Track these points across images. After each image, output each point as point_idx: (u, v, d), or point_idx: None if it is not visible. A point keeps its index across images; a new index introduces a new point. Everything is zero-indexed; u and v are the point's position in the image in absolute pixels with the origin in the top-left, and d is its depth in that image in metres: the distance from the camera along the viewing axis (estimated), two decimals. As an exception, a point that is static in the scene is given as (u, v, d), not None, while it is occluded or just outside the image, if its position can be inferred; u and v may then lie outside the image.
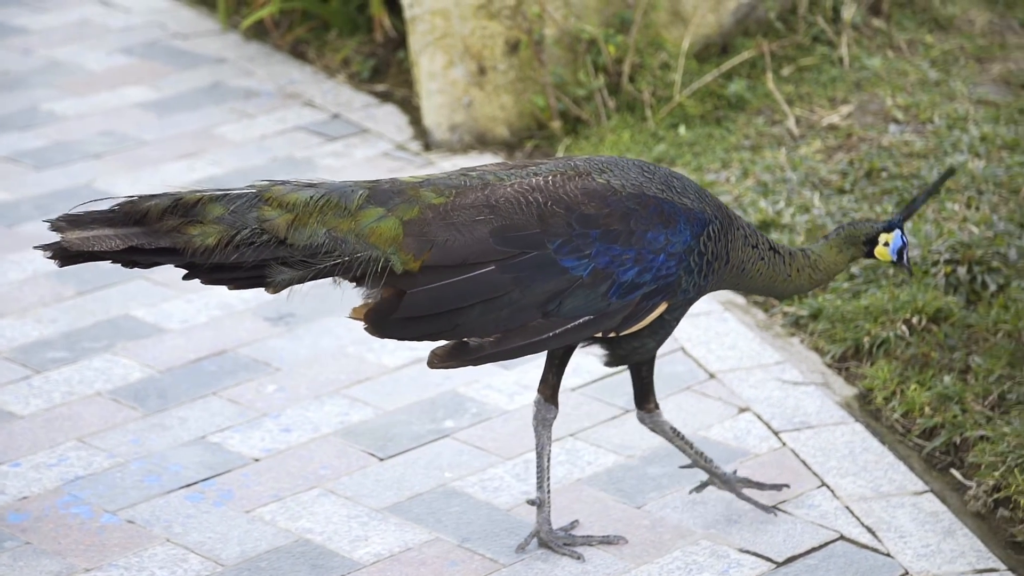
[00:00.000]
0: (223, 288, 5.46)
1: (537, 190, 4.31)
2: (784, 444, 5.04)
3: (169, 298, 5.86)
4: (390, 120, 7.23)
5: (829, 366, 5.46)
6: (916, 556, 4.54)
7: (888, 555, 4.55)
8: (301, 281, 4.26)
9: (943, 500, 4.77)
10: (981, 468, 4.83)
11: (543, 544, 4.60)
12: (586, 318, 4.31)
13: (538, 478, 4.57)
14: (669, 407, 5.21)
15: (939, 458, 5.00)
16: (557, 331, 4.31)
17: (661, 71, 6.96)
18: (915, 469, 4.91)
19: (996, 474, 4.76)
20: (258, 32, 7.95)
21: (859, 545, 4.60)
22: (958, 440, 4.99)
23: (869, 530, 4.65)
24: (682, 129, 6.77)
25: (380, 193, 4.30)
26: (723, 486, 4.71)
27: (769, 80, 6.92)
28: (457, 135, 7.00)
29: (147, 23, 8.20)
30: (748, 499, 4.70)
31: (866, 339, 5.42)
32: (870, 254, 4.60)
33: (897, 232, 4.57)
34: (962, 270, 5.57)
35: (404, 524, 4.71)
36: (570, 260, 4.28)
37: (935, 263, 5.62)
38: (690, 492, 4.75)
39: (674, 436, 4.64)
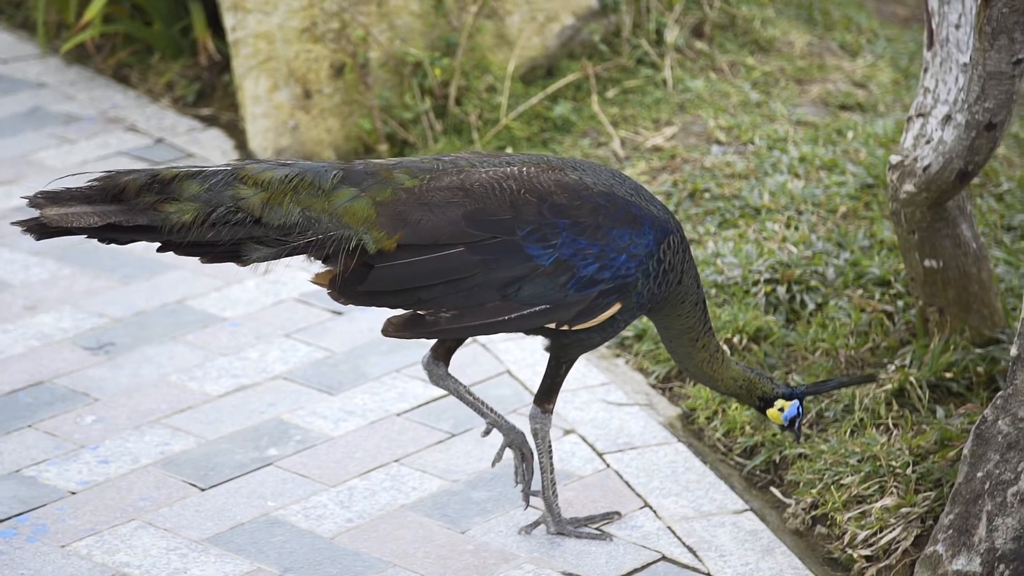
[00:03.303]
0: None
1: (512, 178, 4.38)
2: (608, 466, 5.06)
3: (-16, 328, 5.73)
4: (215, 144, 7.15)
5: (653, 387, 5.50)
6: (735, 575, 4.58)
7: (708, 574, 4.59)
8: (275, 258, 4.32)
9: (763, 518, 4.82)
10: (799, 486, 4.89)
11: (513, 446, 4.66)
12: (542, 307, 4.37)
13: (477, 410, 4.65)
14: (495, 430, 5.19)
15: (759, 476, 5.05)
16: (513, 315, 4.37)
17: (487, 94, 6.97)
18: (736, 488, 4.96)
19: (814, 491, 4.82)
20: (79, 56, 7.82)
21: (680, 565, 4.63)
22: (777, 458, 5.05)
23: (690, 550, 4.68)
24: (509, 151, 6.78)
25: (354, 174, 4.36)
26: (555, 526, 4.72)
27: (594, 102, 6.96)
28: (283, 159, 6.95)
29: (-35, 47, 8.03)
30: (580, 535, 4.71)
31: (689, 359, 5.47)
32: (761, 410, 4.66)
33: (796, 404, 4.64)
34: (781, 289, 5.65)
35: (225, 555, 4.65)
36: (536, 248, 4.34)
37: (755, 283, 5.69)
38: (519, 531, 4.74)
39: (545, 451, 4.66)
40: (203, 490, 4.93)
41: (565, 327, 4.44)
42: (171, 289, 5.99)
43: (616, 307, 4.43)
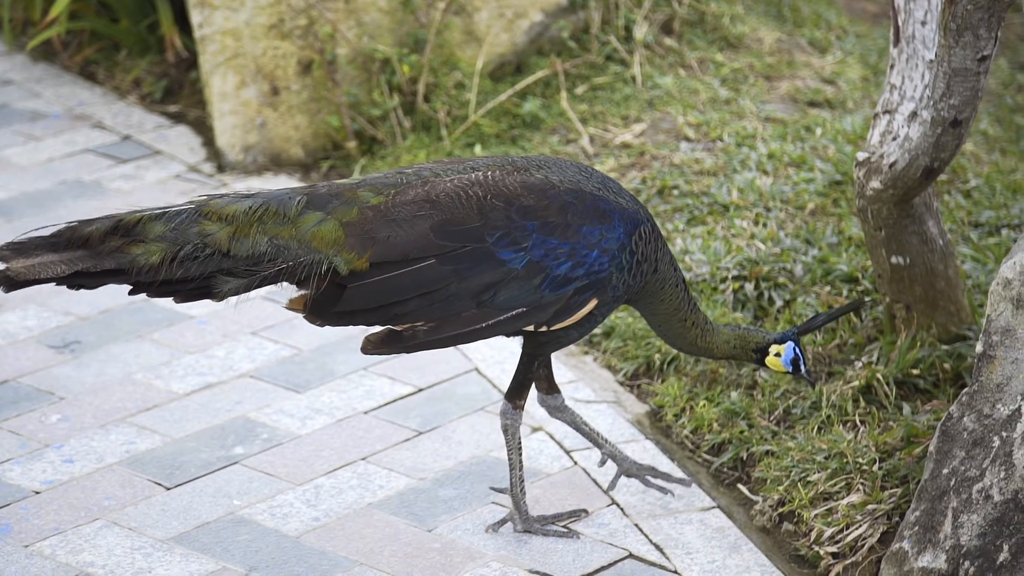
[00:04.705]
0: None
1: (477, 184, 4.37)
2: (576, 463, 5.05)
3: (-52, 327, 5.70)
4: (183, 142, 7.13)
5: (621, 384, 5.49)
6: (702, 572, 4.57)
7: (675, 572, 4.58)
8: (247, 289, 4.32)
9: (730, 515, 4.82)
10: (766, 483, 4.88)
11: (630, 475, 4.83)
12: (519, 310, 4.37)
13: (593, 443, 4.79)
14: (463, 428, 5.19)
15: (727, 473, 5.05)
16: (490, 322, 4.37)
17: (456, 90, 6.95)
18: (703, 485, 4.96)
19: (781, 488, 4.82)
20: (46, 53, 7.78)
21: (647, 563, 4.62)
22: (745, 455, 5.04)
23: (657, 547, 4.67)
24: (478, 148, 6.77)
25: (318, 198, 4.36)
26: (523, 524, 4.71)
27: (563, 99, 6.95)
28: (251, 156, 6.92)
29: (-70, 43, 7.98)
30: (547, 532, 4.71)
31: (657, 356, 5.47)
32: (761, 362, 4.66)
33: (790, 345, 4.63)
34: (750, 286, 5.64)
35: (190, 554, 4.62)
36: (507, 252, 4.34)
37: (723, 280, 5.69)
38: (487, 529, 4.73)
39: (515, 448, 4.65)
40: (168, 489, 4.90)
41: (544, 327, 4.43)
42: (137, 287, 5.96)
43: (593, 303, 4.43)
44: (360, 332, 5.67)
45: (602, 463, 4.89)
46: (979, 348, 4.36)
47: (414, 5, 6.93)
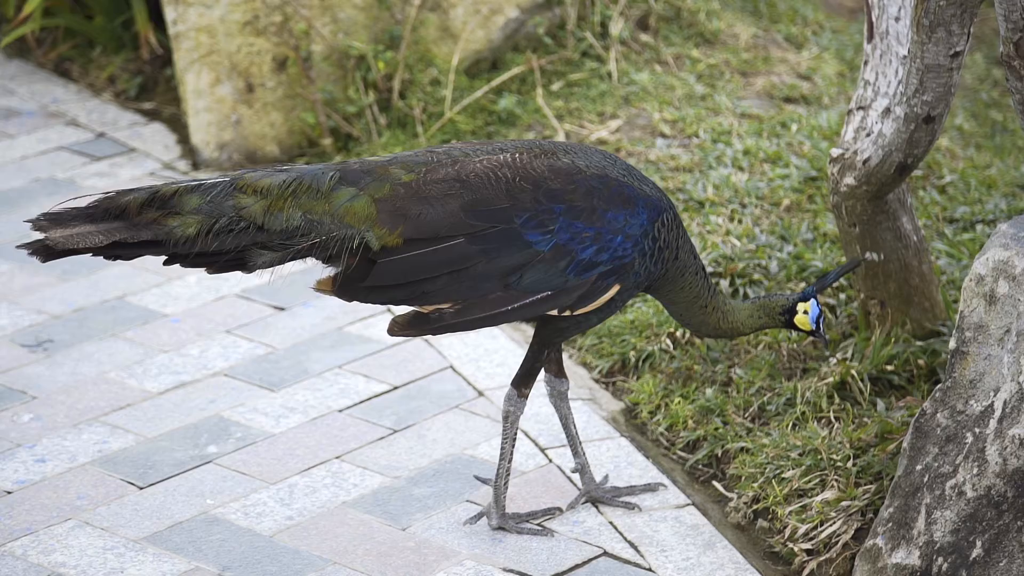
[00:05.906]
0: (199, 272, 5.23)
1: (506, 166, 4.41)
2: (551, 461, 5.04)
3: (-80, 326, 5.67)
4: (157, 139, 7.10)
5: (597, 381, 5.48)
6: (677, 570, 4.57)
7: (649, 569, 4.58)
8: (281, 263, 4.37)
9: (704, 513, 4.81)
10: (741, 480, 4.88)
11: (594, 500, 4.79)
12: (545, 293, 4.40)
13: (571, 447, 4.76)
14: (437, 426, 5.18)
15: (701, 470, 5.04)
16: (516, 304, 4.40)
17: (431, 87, 6.94)
18: (678, 482, 4.95)
19: (755, 485, 4.81)
20: (20, 50, 7.74)
21: (622, 560, 4.62)
22: (720, 452, 5.04)
23: (632, 545, 4.67)
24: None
25: (350, 173, 4.40)
26: (498, 520, 4.70)
27: (539, 95, 6.94)
28: (226, 153, 6.90)
29: (-96, 41, 7.93)
30: (522, 531, 4.70)
31: (632, 353, 5.46)
32: (789, 324, 4.65)
33: (813, 301, 4.65)
34: (725, 283, 5.63)
35: (162, 554, 4.60)
36: (534, 234, 4.37)
37: (698, 276, 5.68)
38: (464, 523, 4.72)
39: (510, 438, 4.65)
40: (141, 488, 4.88)
41: (567, 312, 4.45)
42: (111, 285, 5.94)
43: (615, 288, 4.46)
44: (335, 329, 5.67)
45: (575, 470, 4.88)
46: (952, 344, 4.36)
47: (389, 2, 6.91)
